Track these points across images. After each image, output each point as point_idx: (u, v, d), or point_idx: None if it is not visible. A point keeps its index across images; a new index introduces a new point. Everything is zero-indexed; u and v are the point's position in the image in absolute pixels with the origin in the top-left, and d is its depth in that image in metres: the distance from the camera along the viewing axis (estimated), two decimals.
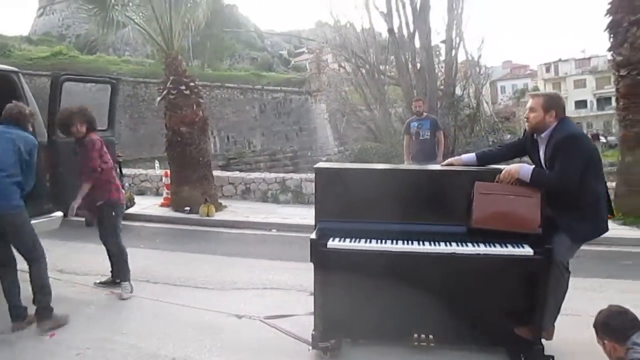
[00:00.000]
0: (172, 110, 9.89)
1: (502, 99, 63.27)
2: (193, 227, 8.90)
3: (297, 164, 29.45)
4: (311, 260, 3.53)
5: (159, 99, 10.33)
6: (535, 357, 3.42)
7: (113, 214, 4.96)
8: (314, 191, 3.90)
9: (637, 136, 8.38)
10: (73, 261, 5.80)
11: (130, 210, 6.08)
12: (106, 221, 4.97)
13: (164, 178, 10.73)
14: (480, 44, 34.71)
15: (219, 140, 27.32)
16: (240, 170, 17.08)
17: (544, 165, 3.52)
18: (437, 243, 3.45)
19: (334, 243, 3.47)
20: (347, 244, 3.47)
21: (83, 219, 5.13)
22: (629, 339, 2.60)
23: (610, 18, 9.09)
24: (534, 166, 3.52)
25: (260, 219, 9.11)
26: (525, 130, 3.84)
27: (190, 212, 9.41)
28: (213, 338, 4.02)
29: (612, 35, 9.15)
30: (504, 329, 3.58)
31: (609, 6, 9.10)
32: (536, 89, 66.06)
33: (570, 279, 3.51)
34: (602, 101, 56.41)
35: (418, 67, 20.40)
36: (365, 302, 3.63)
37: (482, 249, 3.39)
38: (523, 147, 3.83)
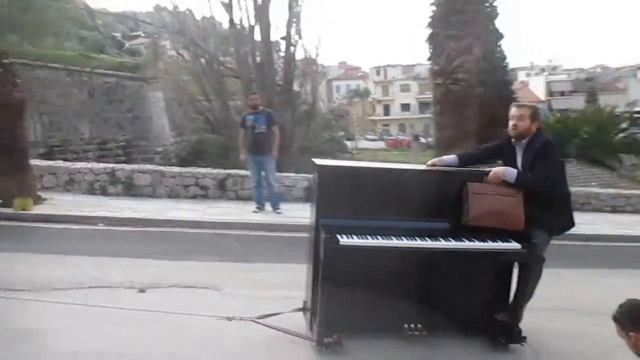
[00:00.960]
0: None
1: (337, 98, 66.59)
2: (6, 222, 7.97)
3: (130, 154, 27.87)
4: (324, 257, 3.53)
5: None
6: (515, 339, 3.84)
7: None
8: (315, 188, 3.94)
9: (449, 138, 9.44)
10: None
11: None
12: None
13: None
14: (318, 42, 35.69)
15: (41, 126, 24.77)
16: (66, 160, 15.66)
17: (520, 169, 3.90)
18: (437, 239, 3.68)
19: (345, 240, 3.51)
20: (358, 241, 3.55)
21: None
22: None
23: (430, 31, 10.09)
24: (516, 169, 3.86)
25: (86, 212, 8.49)
26: (504, 136, 4.12)
27: (3, 205, 8.43)
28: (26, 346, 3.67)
29: (431, 46, 10.17)
30: (485, 316, 3.91)
31: (430, 20, 10.10)
32: (367, 90, 70.61)
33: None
34: (424, 105, 62.11)
35: (258, 61, 20.56)
36: (363, 297, 3.71)
37: (479, 244, 3.69)
38: (499, 151, 4.19)
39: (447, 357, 3.76)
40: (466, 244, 3.70)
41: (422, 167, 4.34)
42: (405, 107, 71.00)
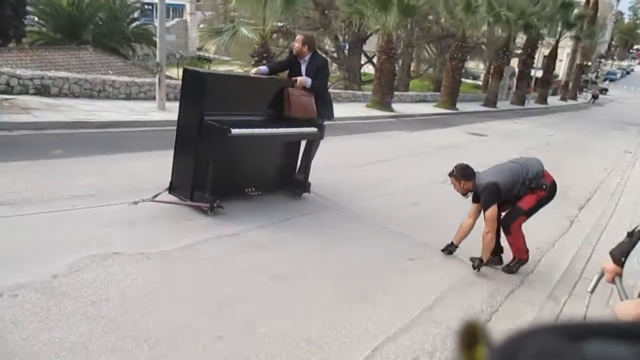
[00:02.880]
0: None
1: None
2: None
3: None
4: (217, 144, 5.00)
5: None
6: (307, 189, 6.12)
7: None
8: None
9: None
10: None
11: None
12: None
13: None
14: None
15: None
16: None
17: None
18: (278, 127, 5.54)
19: (235, 131, 4.91)
20: (244, 131, 5.04)
21: None
22: (475, 177, 4.59)
23: None
24: (310, 78, 5.83)
25: None
26: (292, 54, 6.14)
27: None
28: None
29: None
30: (288, 176, 6.22)
31: None
32: None
33: None
34: None
35: None
36: (225, 171, 5.32)
37: (304, 129, 5.79)
38: (289, 64, 6.11)
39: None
40: (298, 130, 5.73)
41: (262, 76, 5.83)
42: None
